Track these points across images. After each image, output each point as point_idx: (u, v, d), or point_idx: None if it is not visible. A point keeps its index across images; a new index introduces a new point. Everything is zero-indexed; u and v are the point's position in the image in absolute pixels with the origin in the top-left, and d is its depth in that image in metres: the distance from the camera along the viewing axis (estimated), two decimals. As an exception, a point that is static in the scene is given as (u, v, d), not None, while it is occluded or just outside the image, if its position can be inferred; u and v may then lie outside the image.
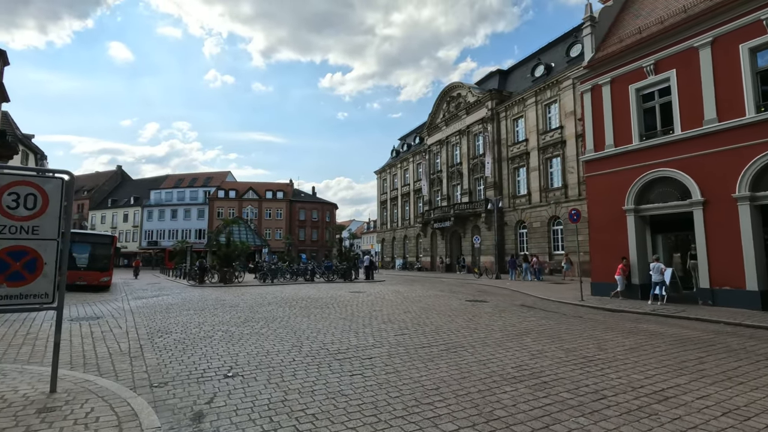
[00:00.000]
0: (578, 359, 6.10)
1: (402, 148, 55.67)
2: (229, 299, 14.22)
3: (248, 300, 13.91)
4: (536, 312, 11.09)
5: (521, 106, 32.78)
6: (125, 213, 69.45)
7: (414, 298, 14.18)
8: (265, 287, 20.02)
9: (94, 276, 19.44)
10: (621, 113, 14.63)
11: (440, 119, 42.92)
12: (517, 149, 33.05)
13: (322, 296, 15.03)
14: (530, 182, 31.50)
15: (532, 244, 31.02)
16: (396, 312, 10.86)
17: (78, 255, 20.01)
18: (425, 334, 7.90)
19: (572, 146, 27.92)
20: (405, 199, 51.63)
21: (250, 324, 9.01)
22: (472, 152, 38.01)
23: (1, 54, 27.43)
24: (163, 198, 67.88)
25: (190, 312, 10.96)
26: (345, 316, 10.20)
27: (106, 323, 9.22)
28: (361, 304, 12.67)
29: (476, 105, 37.24)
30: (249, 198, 65.74)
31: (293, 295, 15.42)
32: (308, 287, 19.74)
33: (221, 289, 19.70)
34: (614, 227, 14.55)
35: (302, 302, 13.07)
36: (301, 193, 71.40)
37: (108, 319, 9.86)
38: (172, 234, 65.09)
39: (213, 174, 72.23)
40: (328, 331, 8.16)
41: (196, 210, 65.88)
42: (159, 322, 9.40)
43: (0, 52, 27.17)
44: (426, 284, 21.76)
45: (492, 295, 15.91)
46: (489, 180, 35.00)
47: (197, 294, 16.82)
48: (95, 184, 77.04)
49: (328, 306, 12.13)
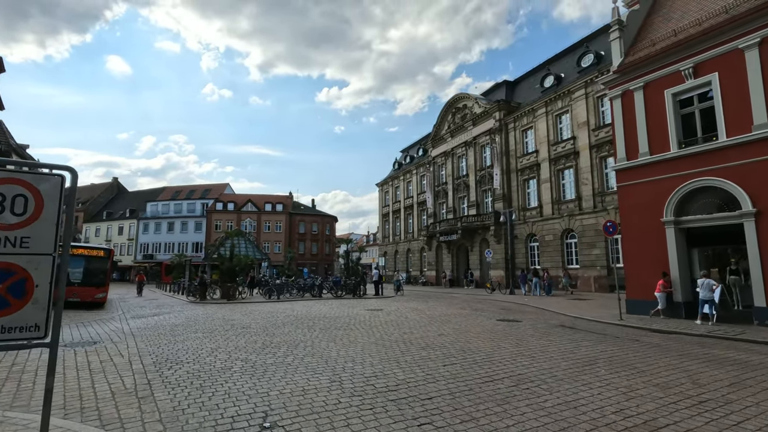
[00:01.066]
0: (682, 399, 5.05)
1: (404, 160, 54.94)
2: (238, 319, 13.04)
3: (259, 320, 12.73)
4: (584, 334, 10.02)
5: (531, 116, 32.15)
6: (120, 225, 67.94)
7: (439, 318, 13.07)
8: (272, 304, 18.82)
9: (88, 292, 18.19)
10: (656, 119, 13.82)
11: (445, 130, 42.27)
12: (526, 160, 32.30)
13: (339, 315, 13.88)
14: (541, 194, 30.66)
15: (544, 258, 30.03)
16: (429, 335, 9.75)
17: (72, 269, 18.75)
18: (478, 364, 6.81)
19: (586, 157, 27.18)
20: (408, 212, 50.68)
21: (271, 351, 7.87)
22: (479, 164, 37.25)
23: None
24: (159, 210, 66.52)
25: (198, 335, 9.80)
26: (374, 340, 9.08)
27: (104, 350, 8.05)
28: (385, 324, 11.55)
29: (483, 116, 36.63)
30: (248, 210, 64.55)
31: (306, 314, 14.26)
32: (319, 304, 18.56)
33: (225, 306, 18.47)
34: (651, 240, 13.59)
35: (320, 322, 11.92)
36: (300, 206, 70.32)
37: (107, 344, 8.68)
38: (169, 247, 63.60)
39: (211, 186, 71.10)
40: (365, 361, 7.05)
41: (193, 222, 64.53)
42: (165, 347, 8.24)
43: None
44: (441, 300, 20.63)
45: (519, 313, 14.82)
46: (498, 192, 34.15)
47: (201, 312, 15.61)
48: (90, 195, 75.61)
49: (350, 327, 11.00)
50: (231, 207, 64.76)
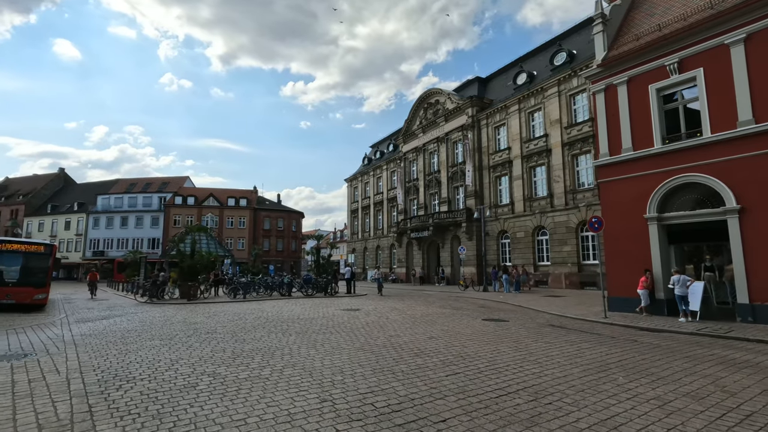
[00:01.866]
0: (726, 412, 4.50)
1: (374, 155, 54.06)
2: (201, 322, 11.73)
3: (225, 323, 11.49)
4: (578, 335, 9.54)
5: (503, 113, 32.10)
6: (67, 220, 63.04)
7: (422, 318, 12.32)
8: (238, 304, 17.45)
9: (26, 293, 16.11)
10: (640, 114, 13.66)
11: (417, 126, 41.73)
12: (499, 157, 32.26)
13: (314, 316, 12.84)
14: (513, 191, 30.69)
15: (515, 255, 30.09)
16: (418, 338, 8.94)
17: (6, 267, 16.60)
18: (483, 373, 6.06)
19: (558, 155, 27.33)
20: (378, 208, 49.89)
21: (243, 362, 6.79)
22: (452, 160, 36.97)
23: None
24: (112, 204, 62.24)
25: (155, 342, 8.51)
26: (360, 345, 8.16)
27: (36, 365, 6.68)
28: (367, 326, 10.64)
29: (456, 112, 36.33)
30: (210, 205, 61.59)
31: (278, 315, 13.12)
32: (289, 304, 17.38)
33: (186, 307, 16.93)
34: (633, 237, 13.44)
35: (294, 325, 10.85)
36: (265, 201, 67.93)
37: (40, 356, 7.27)
38: (122, 243, 59.64)
39: (169, 179, 67.29)
40: (355, 372, 6.13)
41: (149, 217, 60.81)
42: (114, 360, 6.97)
43: None
44: (418, 299, 19.94)
45: (501, 311, 14.33)
46: (470, 188, 33.96)
47: (158, 314, 14.09)
48: (33, 187, 69.73)
49: (329, 330, 10.01)
50: (191, 201, 61.53)
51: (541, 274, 28.05)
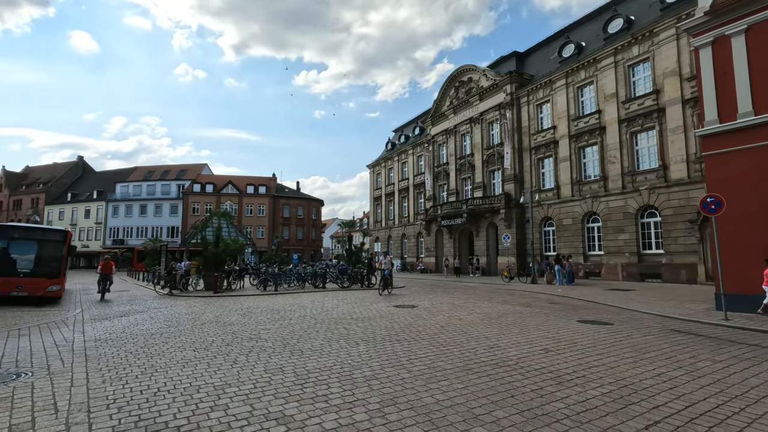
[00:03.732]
0: None
1: (399, 139, 51.63)
2: (237, 322, 9.79)
3: (267, 324, 9.53)
4: (720, 344, 7.27)
5: (547, 89, 29.33)
6: (87, 208, 62.47)
7: (500, 318, 10.17)
8: (271, 298, 15.56)
9: (38, 284, 14.47)
10: (764, 70, 11.08)
11: (447, 106, 39.13)
12: (542, 138, 29.59)
13: (368, 314, 10.79)
14: (559, 174, 28.07)
15: (561, 244, 27.61)
16: (529, 351, 6.78)
17: (17, 256, 14.97)
18: (696, 423, 3.87)
19: (613, 133, 24.59)
20: (403, 195, 47.62)
21: (318, 392, 4.74)
22: (487, 142, 34.39)
23: None
24: (130, 192, 61.36)
25: (187, 353, 6.55)
26: (462, 363, 6.04)
27: (29, 392, 4.74)
28: (444, 330, 8.53)
29: (492, 90, 33.63)
30: (228, 193, 60.20)
31: (325, 313, 11.12)
32: (329, 298, 15.42)
33: (212, 301, 15.12)
34: (756, 221, 10.98)
35: (353, 328, 8.81)
36: (284, 189, 66.28)
37: (37, 377, 5.34)
38: (141, 232, 58.80)
39: (187, 167, 66.08)
40: (500, 420, 4.00)
41: (168, 205, 59.77)
42: (136, 386, 4.99)
43: None
44: (468, 293, 17.80)
45: (585, 309, 12.07)
46: (508, 172, 31.44)
47: (184, 311, 12.24)
48: (52, 176, 69.39)
49: (401, 336, 7.92)
50: (210, 189, 60.24)
51: (592, 264, 25.57)
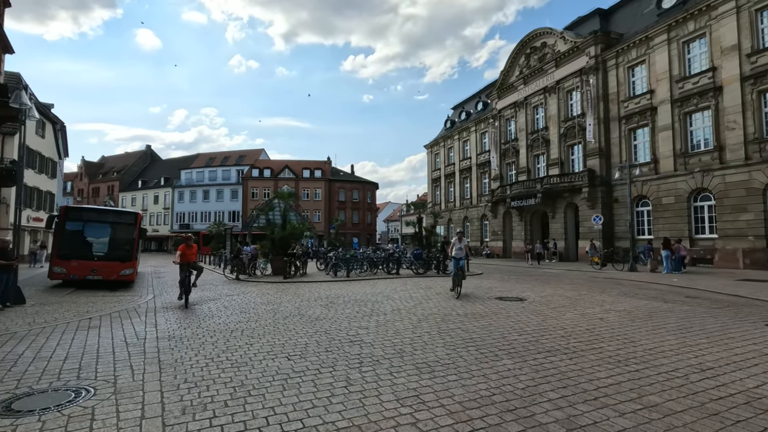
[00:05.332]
0: None
1: (458, 117, 48.68)
2: (323, 316, 8.33)
3: (360, 319, 7.98)
4: None
5: (642, 48, 25.37)
6: (155, 194, 65.58)
7: (649, 317, 7.93)
8: (345, 285, 14.19)
9: (112, 268, 14.04)
10: None
11: (516, 77, 35.75)
12: (635, 105, 25.82)
13: (474, 310, 8.92)
14: (657, 146, 24.34)
15: (659, 226, 24.07)
16: (765, 374, 4.61)
17: (91, 239, 14.67)
18: None
19: (734, 93, 20.57)
20: (465, 175, 44.91)
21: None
22: (564, 113, 30.88)
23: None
24: (194, 178, 63.49)
25: (280, 363, 5.07)
26: (687, 399, 4.02)
27: (87, 421, 3.37)
28: (597, 335, 6.50)
29: (571, 54, 29.95)
30: (285, 177, 60.49)
31: (418, 306, 9.45)
32: (409, 286, 13.80)
33: (285, 287, 14.00)
34: None
35: (469, 328, 7.01)
36: (339, 172, 65.62)
37: (100, 397, 4.01)
38: (205, 216, 60.79)
39: (245, 152, 67.23)
40: None
41: (229, 190, 61.18)
42: (226, 418, 3.50)
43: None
44: (565, 282, 15.45)
45: (748, 308, 9.43)
46: (592, 146, 27.98)
47: (258, 299, 11.09)
48: (124, 164, 73.58)
49: (553, 347, 5.98)
50: (267, 174, 60.82)
51: (701, 249, 21.97)
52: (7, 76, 24.17)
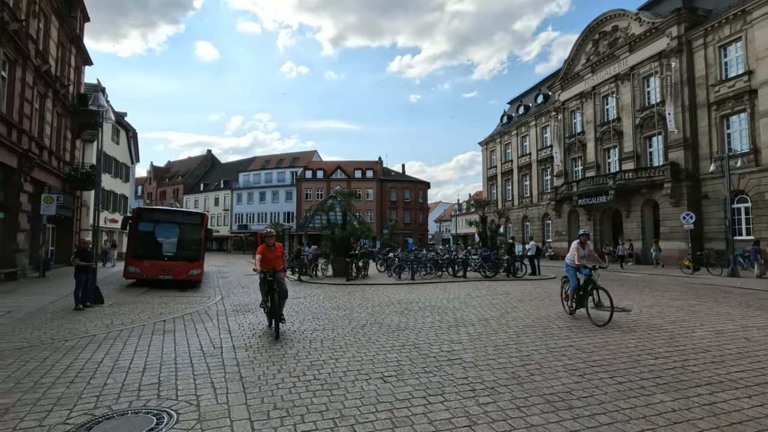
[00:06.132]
0: None
1: (516, 111, 46.42)
2: (402, 325, 7.58)
3: (446, 330, 7.14)
4: None
5: (738, 23, 22.43)
6: (216, 196, 68.64)
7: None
8: (414, 289, 13.39)
9: (181, 268, 14.20)
10: None
11: (582, 66, 33.27)
12: (728, 88, 22.90)
13: (583, 323, 7.76)
14: (758, 133, 21.40)
15: (762, 225, 21.11)
16: None
17: (161, 239, 14.96)
18: None
19: None
20: (524, 172, 42.68)
21: None
22: (641, 102, 28.18)
23: (78, 3, 23.64)
24: (251, 180, 65.75)
25: (377, 386, 4.35)
26: None
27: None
28: (759, 358, 5.21)
29: (648, 36, 27.26)
30: (337, 178, 60.93)
31: (507, 316, 8.44)
32: (483, 290, 12.74)
33: (351, 290, 13.45)
34: None
35: (580, 341, 5.94)
36: (391, 172, 65.15)
37: (183, 425, 3.43)
38: (261, 217, 62.69)
39: (299, 154, 68.65)
40: None
41: (284, 192, 62.69)
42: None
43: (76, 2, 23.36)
44: (659, 289, 13.67)
45: None
46: (674, 136, 25.23)
47: (327, 302, 10.57)
48: (188, 169, 77.77)
49: (715, 376, 4.81)
50: (320, 175, 61.61)
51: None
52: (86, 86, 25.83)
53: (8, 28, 13.72)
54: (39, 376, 4.62)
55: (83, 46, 23.26)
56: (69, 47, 21.30)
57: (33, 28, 16.42)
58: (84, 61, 24.53)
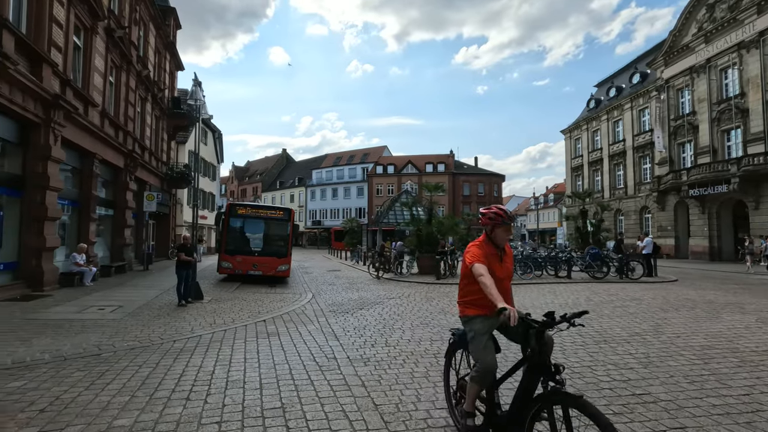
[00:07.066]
0: None
1: (605, 94, 42.10)
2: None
3: (615, 354, 5.84)
4: None
5: None
6: (291, 194, 71.24)
7: None
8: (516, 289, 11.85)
9: (270, 264, 14.13)
10: None
11: (693, 36, 28.94)
12: None
13: None
14: None
15: None
16: None
17: (252, 234, 15.03)
18: None
19: None
20: (617, 161, 38.58)
21: None
22: (774, 72, 23.72)
23: (171, 12, 25.01)
24: (324, 177, 67.28)
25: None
26: None
27: None
28: None
29: (785, -7, 22.78)
30: (408, 173, 60.16)
31: (663, 330, 6.87)
32: (602, 294, 11.05)
33: (447, 290, 12.44)
34: None
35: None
36: (463, 165, 62.99)
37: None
38: (334, 213, 63.89)
39: (369, 150, 68.91)
40: None
41: (355, 188, 63.28)
42: None
43: (170, 10, 24.71)
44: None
45: None
46: (824, 111, 20.81)
47: (425, 304, 9.66)
48: (265, 167, 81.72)
49: None
50: (391, 170, 61.24)
51: None
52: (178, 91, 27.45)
53: (114, 34, 14.48)
54: (153, 388, 4.15)
55: (176, 52, 24.60)
56: (164, 53, 22.56)
57: (134, 35, 17.37)
58: (177, 67, 26.01)
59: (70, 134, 11.47)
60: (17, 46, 9.01)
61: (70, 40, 11.63)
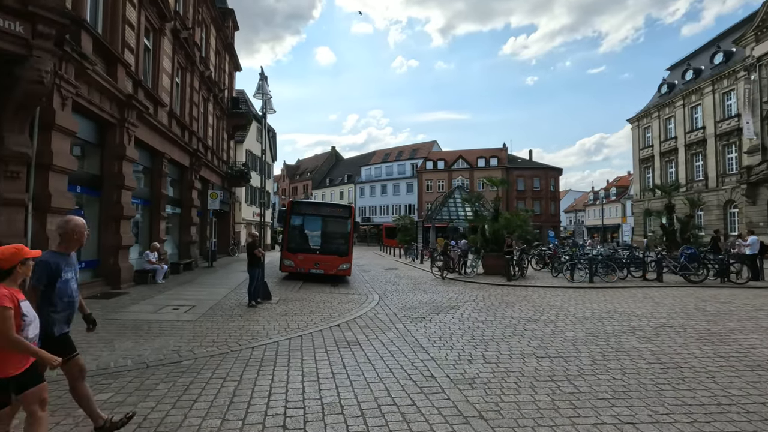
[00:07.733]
0: None
1: (681, 78, 38.39)
2: (654, 354, 5.48)
3: (752, 371, 4.76)
4: None
5: None
6: (341, 191, 71.83)
7: None
8: (604, 294, 10.83)
9: (331, 262, 13.79)
10: None
11: (793, 5, 25.42)
12: None
13: None
14: None
15: None
16: None
17: (313, 232, 14.78)
18: None
19: None
20: (695, 151, 35.03)
21: None
22: None
23: (230, 13, 25.51)
24: (372, 174, 67.17)
25: None
26: None
27: None
28: None
29: None
30: (459, 168, 58.58)
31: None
32: (712, 302, 9.64)
33: (525, 293, 11.46)
34: None
35: None
36: (517, 159, 60.41)
37: None
38: (383, 210, 63.63)
39: (419, 146, 67.90)
40: None
41: (404, 184, 62.60)
42: None
43: (229, 12, 25.20)
44: None
45: None
46: None
47: (506, 310, 8.82)
48: (315, 165, 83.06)
49: None
50: (441, 165, 59.91)
51: None
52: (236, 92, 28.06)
53: (180, 35, 14.72)
54: (243, 409, 3.70)
55: (234, 53, 25.08)
56: (224, 54, 23.02)
57: (197, 36, 17.69)
58: (235, 68, 26.56)
59: (142, 134, 11.69)
60: (94, 47, 9.14)
61: (141, 41, 11.83)
